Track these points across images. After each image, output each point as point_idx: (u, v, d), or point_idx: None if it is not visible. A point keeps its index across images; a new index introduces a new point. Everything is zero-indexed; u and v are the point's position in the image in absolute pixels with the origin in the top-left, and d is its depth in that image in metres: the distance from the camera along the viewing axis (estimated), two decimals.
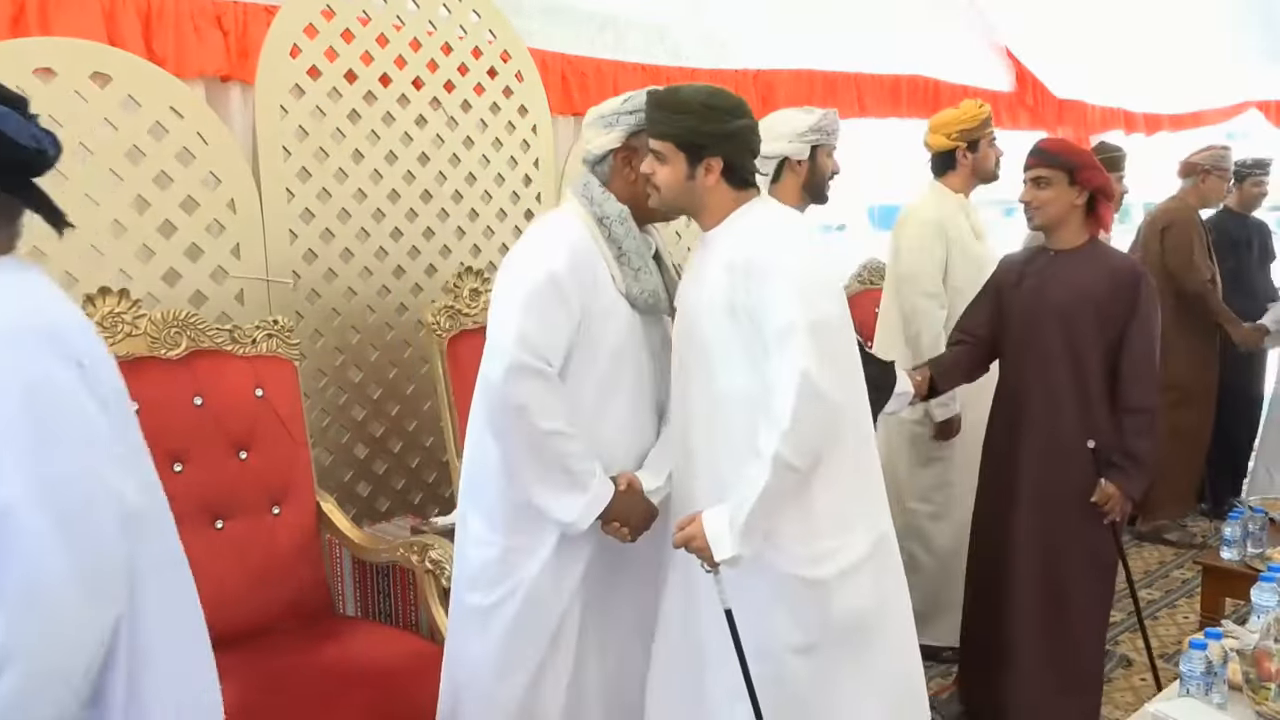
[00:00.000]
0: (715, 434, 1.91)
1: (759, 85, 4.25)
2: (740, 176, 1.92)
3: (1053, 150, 2.65)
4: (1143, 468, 2.61)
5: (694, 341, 1.93)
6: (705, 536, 1.79)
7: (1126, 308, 2.59)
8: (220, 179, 2.64)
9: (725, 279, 1.84)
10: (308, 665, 2.22)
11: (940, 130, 3.28)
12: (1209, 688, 1.94)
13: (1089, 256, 2.67)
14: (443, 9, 3.08)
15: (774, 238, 1.86)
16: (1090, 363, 2.62)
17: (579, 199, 2.04)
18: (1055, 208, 2.62)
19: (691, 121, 1.86)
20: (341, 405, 2.96)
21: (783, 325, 1.75)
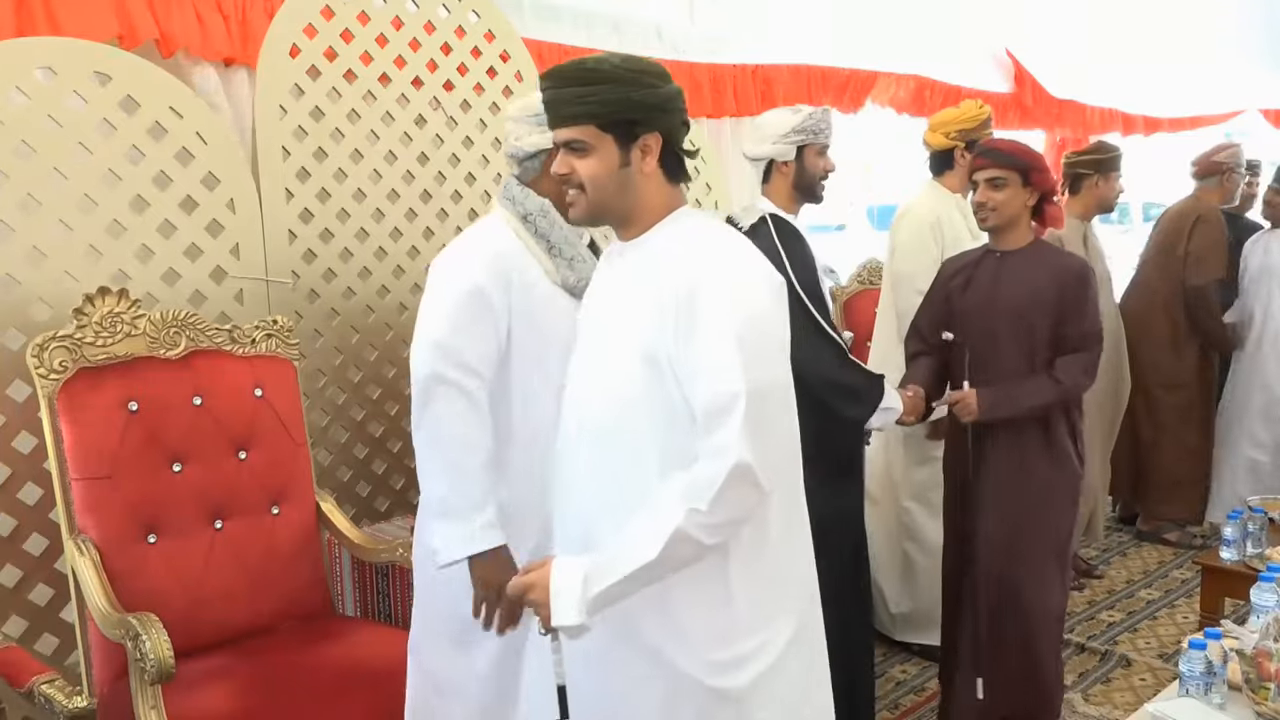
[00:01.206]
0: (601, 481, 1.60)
1: (757, 81, 4.25)
2: (678, 163, 1.61)
3: (1007, 151, 2.64)
4: (1013, 404, 2.60)
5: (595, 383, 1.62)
6: (548, 591, 1.48)
7: (1071, 302, 2.60)
8: (219, 179, 2.64)
9: (653, 318, 1.51)
10: (307, 665, 2.22)
11: (939, 129, 3.29)
12: (1209, 688, 1.94)
13: (1035, 256, 2.67)
14: (442, 9, 3.08)
15: (719, 271, 1.51)
16: (1043, 363, 2.62)
17: (501, 202, 2.05)
18: (1010, 209, 2.62)
19: (618, 91, 1.53)
20: (341, 405, 2.96)
21: (722, 398, 1.45)
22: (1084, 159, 3.95)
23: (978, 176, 2.64)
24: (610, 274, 1.66)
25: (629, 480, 1.55)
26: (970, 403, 2.59)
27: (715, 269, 1.51)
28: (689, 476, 1.47)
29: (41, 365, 2.21)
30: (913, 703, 3.11)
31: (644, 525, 1.48)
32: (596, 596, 1.47)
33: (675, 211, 1.61)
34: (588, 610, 1.47)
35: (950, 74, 5.19)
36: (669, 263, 1.53)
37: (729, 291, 1.49)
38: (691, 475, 1.47)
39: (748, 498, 1.48)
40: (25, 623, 2.35)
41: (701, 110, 4.02)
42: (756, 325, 1.50)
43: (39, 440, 2.28)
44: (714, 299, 1.47)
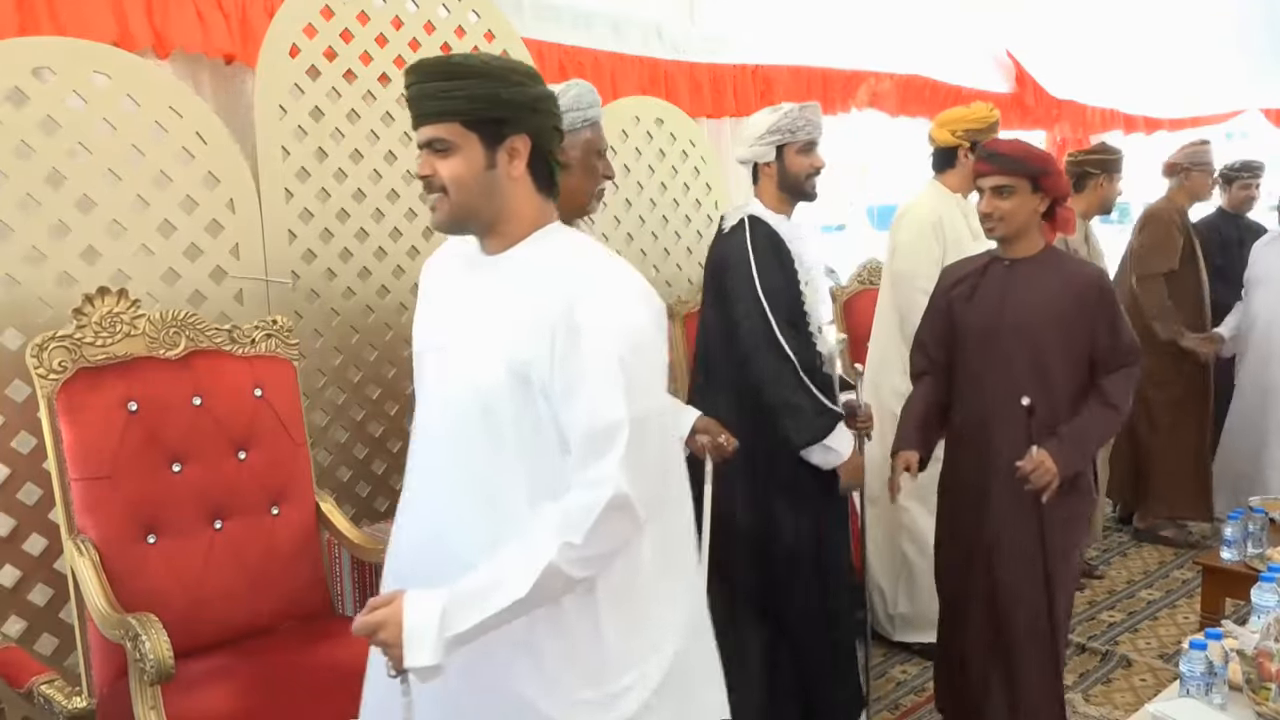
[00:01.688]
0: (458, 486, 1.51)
1: (757, 81, 4.25)
2: (549, 171, 1.52)
3: (1013, 155, 2.43)
4: (1082, 450, 2.42)
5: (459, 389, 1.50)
6: (400, 629, 1.36)
7: (1094, 320, 2.41)
8: (219, 179, 2.64)
9: (526, 333, 1.42)
10: (307, 665, 2.22)
11: (946, 125, 3.28)
12: (1209, 688, 1.94)
13: (1048, 265, 2.47)
14: (442, 9, 3.08)
15: (601, 292, 1.42)
16: (1057, 380, 2.44)
17: None
18: (1019, 218, 2.42)
19: (485, 87, 1.43)
20: (340, 405, 2.96)
21: (604, 426, 1.37)
22: (1091, 158, 3.97)
23: (982, 184, 2.46)
24: (477, 282, 1.53)
25: (487, 490, 1.47)
26: (1047, 466, 2.34)
27: (596, 289, 1.42)
28: (563, 507, 1.38)
29: (41, 365, 2.21)
30: (913, 703, 3.11)
31: (513, 559, 1.38)
32: (456, 636, 1.35)
33: (548, 226, 1.51)
34: (445, 650, 1.34)
35: (951, 74, 5.19)
36: (545, 278, 1.44)
37: (612, 314, 1.40)
38: (565, 506, 1.38)
39: (623, 530, 1.40)
40: (24, 623, 2.35)
41: (702, 110, 4.02)
42: (639, 350, 1.41)
43: (38, 440, 2.28)
44: (596, 321, 1.39)
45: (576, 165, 2.04)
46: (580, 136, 2.04)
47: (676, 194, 3.81)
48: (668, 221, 3.78)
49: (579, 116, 2.01)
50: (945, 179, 3.32)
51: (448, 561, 1.47)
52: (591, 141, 2.06)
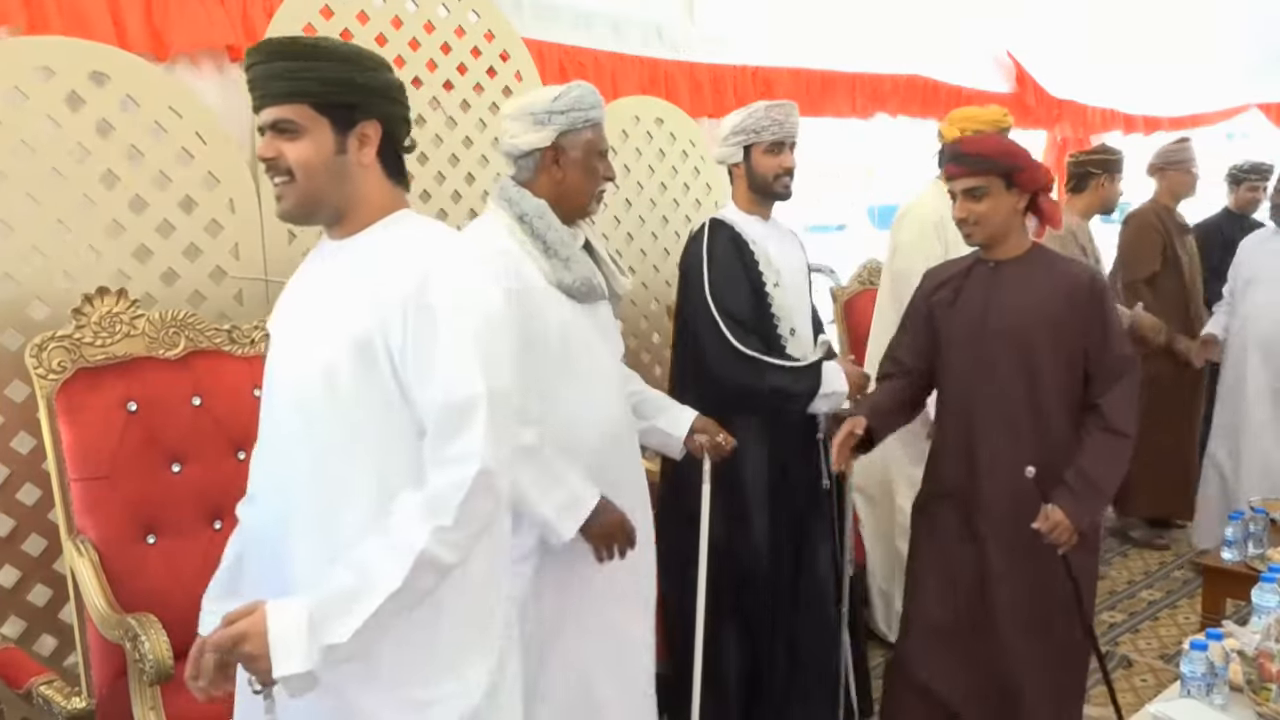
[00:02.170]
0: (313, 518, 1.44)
1: (757, 82, 4.25)
2: (398, 159, 1.52)
3: (983, 153, 2.24)
4: (1099, 496, 2.25)
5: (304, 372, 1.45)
6: (265, 638, 1.28)
7: (1087, 322, 2.24)
8: (219, 179, 2.64)
9: (373, 310, 1.39)
10: None
11: (957, 122, 3.24)
12: (1210, 688, 1.94)
13: (1035, 265, 2.30)
14: (441, 8, 3.08)
15: (452, 269, 1.42)
16: (1048, 388, 2.27)
17: (498, 202, 2.05)
18: (996, 220, 2.24)
19: (338, 70, 1.41)
20: None
21: (463, 400, 1.35)
22: (1093, 159, 3.97)
23: (953, 187, 2.30)
24: (323, 268, 1.52)
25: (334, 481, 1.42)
26: (1061, 523, 2.16)
27: (447, 267, 1.41)
28: (426, 492, 1.35)
29: (40, 365, 2.20)
30: None
31: (378, 554, 1.32)
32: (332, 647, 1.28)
33: (397, 212, 1.50)
34: (320, 657, 1.27)
35: (951, 74, 5.19)
36: (393, 258, 1.42)
37: (465, 291, 1.40)
38: (429, 489, 1.35)
39: (489, 508, 1.38)
40: (24, 623, 2.35)
41: (703, 111, 4.02)
42: (492, 327, 1.41)
43: (37, 440, 2.27)
44: (450, 297, 1.38)
45: (577, 165, 2.04)
46: (581, 137, 2.04)
47: (676, 194, 3.81)
48: (668, 221, 3.78)
49: (580, 117, 2.02)
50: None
51: (291, 560, 1.42)
52: (592, 142, 2.06)
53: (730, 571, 2.52)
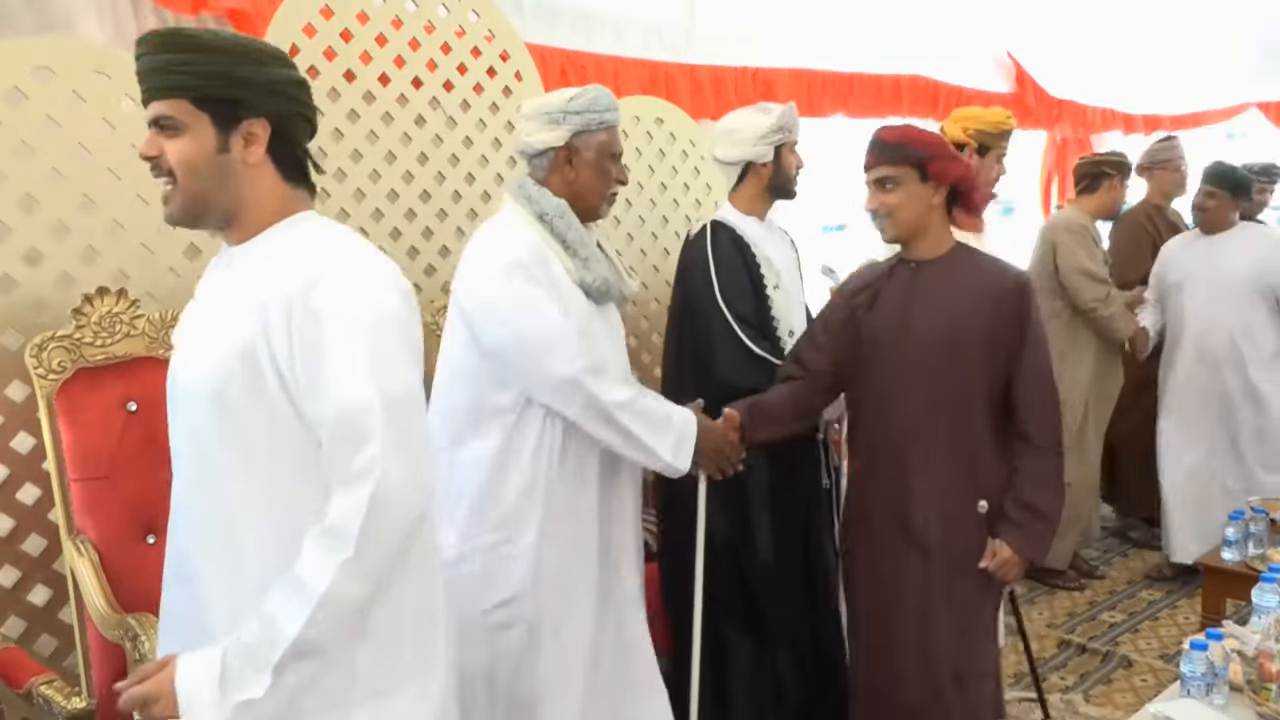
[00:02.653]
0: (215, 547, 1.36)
1: (758, 84, 4.25)
2: (297, 159, 1.42)
3: (894, 141, 2.10)
4: (1045, 522, 2.13)
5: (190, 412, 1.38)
6: (174, 699, 1.23)
7: (1014, 328, 2.10)
8: None
9: (257, 316, 1.30)
10: None
11: (960, 121, 3.23)
12: (1210, 688, 1.94)
13: (959, 266, 2.15)
14: (441, 8, 3.08)
15: (341, 270, 1.32)
16: (976, 398, 2.13)
17: (517, 200, 2.07)
18: (909, 213, 2.10)
19: (218, 63, 1.32)
20: None
21: (352, 406, 1.25)
22: (1110, 160, 3.98)
23: (867, 177, 2.17)
24: (218, 276, 1.44)
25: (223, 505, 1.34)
26: (1009, 559, 2.09)
27: (336, 267, 1.32)
28: (328, 518, 1.24)
29: (40, 365, 2.21)
30: None
31: (281, 597, 1.23)
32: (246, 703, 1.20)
33: (296, 215, 1.40)
34: (235, 713, 1.20)
35: (951, 74, 5.19)
36: (280, 260, 1.33)
37: (354, 292, 1.30)
38: (330, 516, 1.24)
39: (399, 522, 1.27)
40: (24, 623, 2.35)
41: (704, 112, 4.02)
42: (384, 330, 1.31)
43: (37, 440, 2.27)
44: (337, 299, 1.28)
45: (589, 166, 2.07)
46: (595, 138, 2.07)
47: (676, 194, 3.81)
48: (668, 221, 3.78)
49: (594, 118, 2.05)
50: None
51: (193, 595, 1.36)
52: (606, 144, 2.09)
53: (734, 571, 2.53)
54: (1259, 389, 3.79)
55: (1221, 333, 3.82)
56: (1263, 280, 3.78)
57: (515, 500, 2.01)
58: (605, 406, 1.95)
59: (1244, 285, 3.79)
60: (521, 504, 2.01)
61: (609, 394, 1.95)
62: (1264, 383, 3.80)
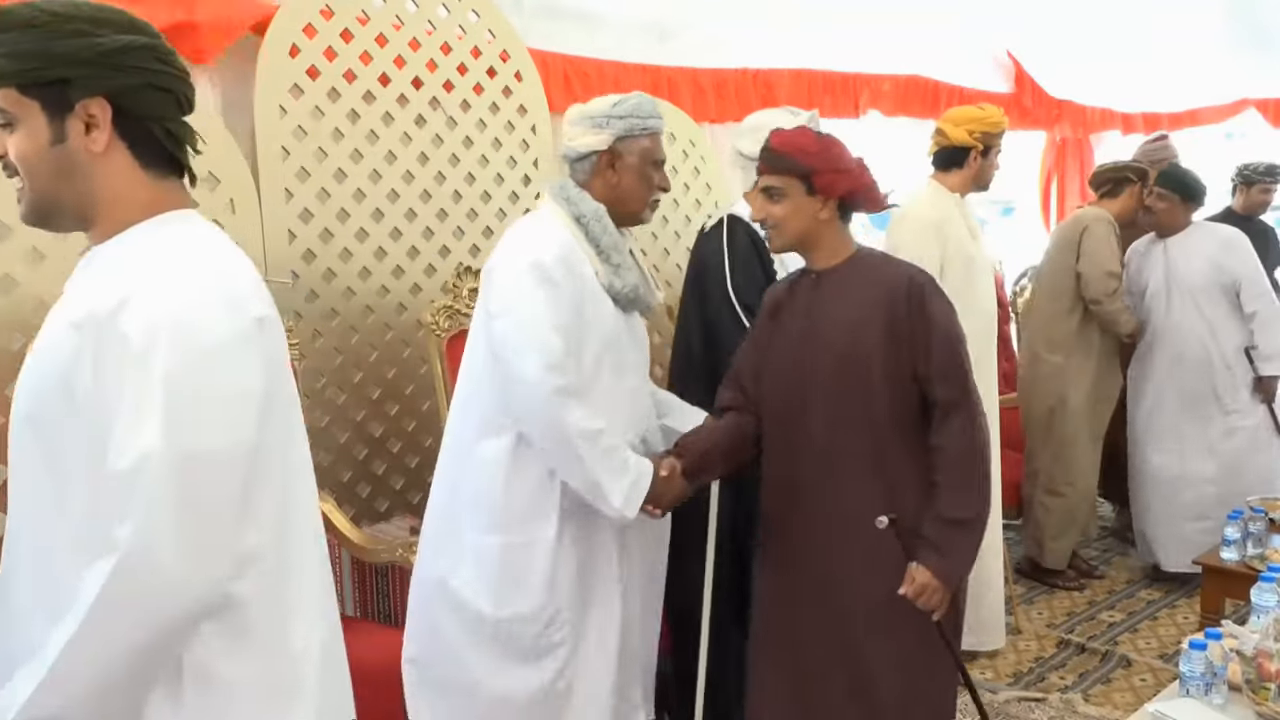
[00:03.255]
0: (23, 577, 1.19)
1: (759, 85, 4.25)
2: (154, 143, 1.19)
3: (780, 151, 1.99)
4: (966, 532, 1.95)
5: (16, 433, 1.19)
6: None
7: (913, 327, 1.96)
8: (219, 179, 2.64)
9: (72, 338, 1.11)
10: None
11: (963, 124, 3.22)
12: (1209, 688, 1.94)
13: (855, 271, 2.03)
14: (442, 9, 3.08)
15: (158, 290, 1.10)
16: (884, 412, 1.98)
17: (555, 200, 2.07)
18: (795, 225, 2.00)
19: (32, 40, 1.11)
20: (341, 405, 2.96)
21: (123, 466, 1.05)
22: (1132, 166, 4.01)
23: (758, 184, 2.07)
24: (76, 282, 1.22)
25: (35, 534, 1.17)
26: (928, 584, 1.91)
27: (155, 284, 1.10)
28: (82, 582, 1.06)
29: None
30: None
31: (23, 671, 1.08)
32: None
33: (165, 214, 1.19)
34: None
35: (951, 74, 5.20)
36: (109, 272, 1.14)
37: (166, 319, 1.08)
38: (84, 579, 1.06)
39: (159, 604, 1.06)
40: None
41: (705, 115, 4.02)
42: (197, 369, 1.08)
43: None
44: (142, 326, 1.07)
45: (632, 171, 2.07)
46: (638, 143, 2.08)
47: (677, 194, 3.81)
48: (667, 221, 3.78)
49: (638, 124, 2.06)
50: (947, 178, 3.29)
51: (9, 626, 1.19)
52: (649, 150, 2.10)
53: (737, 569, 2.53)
54: (1227, 386, 3.83)
55: (1188, 334, 3.86)
56: (1219, 280, 3.82)
57: (529, 499, 2.01)
58: (566, 428, 1.88)
59: (1203, 287, 3.84)
60: (536, 503, 2.00)
61: (574, 418, 1.89)
62: (1232, 380, 3.83)
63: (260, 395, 1.15)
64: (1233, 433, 3.84)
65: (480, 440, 2.03)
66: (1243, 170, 4.66)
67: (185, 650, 1.11)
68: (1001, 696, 3.10)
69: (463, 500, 2.07)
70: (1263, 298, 3.81)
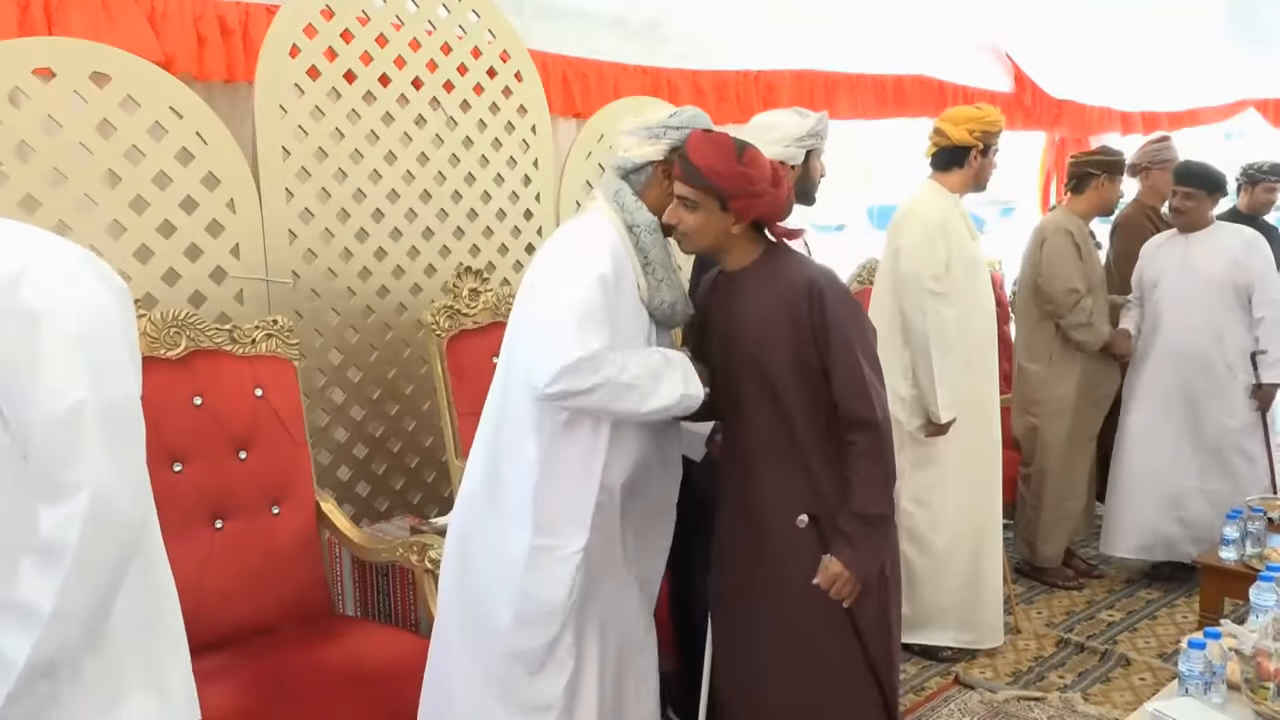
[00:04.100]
0: None
1: (759, 86, 4.26)
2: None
3: (701, 168, 1.96)
4: (876, 528, 1.98)
5: None
6: None
7: (812, 326, 1.98)
8: (219, 179, 2.64)
9: None
10: (307, 665, 2.22)
11: (963, 124, 3.22)
12: (1208, 687, 1.95)
13: (764, 271, 2.06)
14: (442, 9, 3.08)
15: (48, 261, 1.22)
16: (796, 408, 2.01)
17: (610, 205, 2.05)
18: (705, 236, 2.01)
19: None
20: (341, 405, 2.96)
21: (63, 413, 1.15)
22: (1094, 159, 3.96)
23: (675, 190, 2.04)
24: None
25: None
26: (838, 573, 1.97)
27: (43, 264, 1.20)
28: (41, 537, 1.15)
29: None
30: (912, 702, 3.11)
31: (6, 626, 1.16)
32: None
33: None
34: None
35: (951, 74, 5.20)
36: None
37: (65, 290, 1.19)
38: (43, 533, 1.15)
39: (119, 530, 1.19)
40: None
41: None
42: (103, 331, 1.21)
43: None
44: (46, 298, 1.17)
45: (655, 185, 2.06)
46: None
47: None
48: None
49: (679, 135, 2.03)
50: (946, 178, 3.28)
51: None
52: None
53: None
54: (1226, 389, 3.78)
55: (1197, 333, 3.81)
56: (1236, 280, 3.77)
57: (562, 504, 1.99)
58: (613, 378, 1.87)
59: (1219, 285, 3.78)
60: (570, 508, 1.99)
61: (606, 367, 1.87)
62: (1231, 383, 3.79)
63: (136, 353, 1.31)
64: (1222, 434, 3.81)
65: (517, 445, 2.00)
66: (1247, 169, 4.63)
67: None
68: (1001, 696, 3.10)
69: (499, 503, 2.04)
70: (1275, 303, 3.76)
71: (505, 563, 2.01)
